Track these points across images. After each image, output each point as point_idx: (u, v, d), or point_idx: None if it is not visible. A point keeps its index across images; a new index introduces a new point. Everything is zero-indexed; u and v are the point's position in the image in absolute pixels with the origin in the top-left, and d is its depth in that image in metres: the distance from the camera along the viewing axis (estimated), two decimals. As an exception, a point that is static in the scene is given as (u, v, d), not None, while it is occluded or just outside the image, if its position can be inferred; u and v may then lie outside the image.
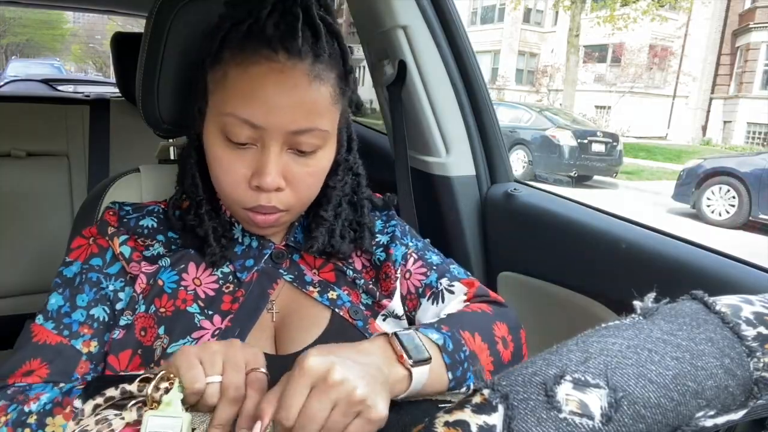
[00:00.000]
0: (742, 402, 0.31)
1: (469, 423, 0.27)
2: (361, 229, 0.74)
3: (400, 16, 1.06)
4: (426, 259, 0.78)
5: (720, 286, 0.72)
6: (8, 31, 25.82)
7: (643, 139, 15.29)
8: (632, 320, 0.33)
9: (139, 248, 0.67)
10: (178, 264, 0.67)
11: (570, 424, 0.26)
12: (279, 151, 0.61)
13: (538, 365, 0.29)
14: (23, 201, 1.68)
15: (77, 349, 0.62)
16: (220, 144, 0.61)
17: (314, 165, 0.64)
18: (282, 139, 0.60)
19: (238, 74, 0.59)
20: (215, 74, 0.62)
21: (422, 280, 0.76)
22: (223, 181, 0.63)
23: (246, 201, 0.62)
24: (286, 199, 0.63)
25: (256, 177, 0.61)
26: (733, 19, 17.23)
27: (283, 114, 0.59)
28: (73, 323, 0.63)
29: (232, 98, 0.59)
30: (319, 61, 0.60)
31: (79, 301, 0.64)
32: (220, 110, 0.61)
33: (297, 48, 0.58)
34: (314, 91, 0.60)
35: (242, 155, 0.61)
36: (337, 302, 0.69)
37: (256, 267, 0.69)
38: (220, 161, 0.62)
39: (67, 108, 1.80)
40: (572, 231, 0.95)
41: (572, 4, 14.41)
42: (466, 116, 1.12)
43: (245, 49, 0.59)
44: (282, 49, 0.58)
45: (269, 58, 0.58)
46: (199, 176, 0.68)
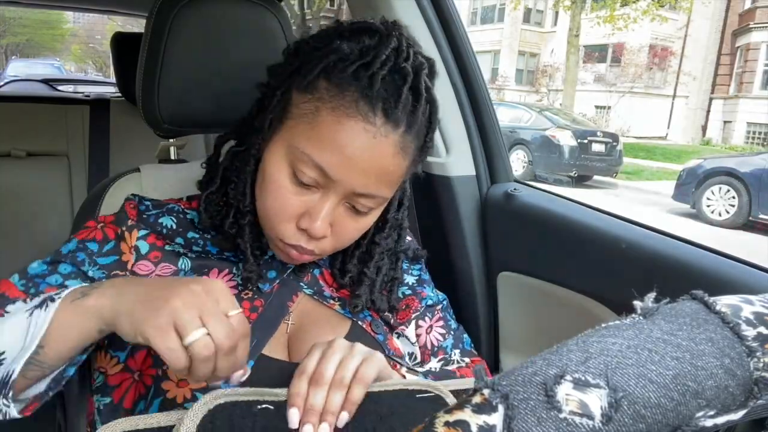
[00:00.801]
0: (742, 402, 0.31)
1: (469, 423, 0.27)
2: (392, 283, 0.74)
3: (400, 16, 1.06)
4: (447, 321, 0.81)
5: (720, 286, 0.72)
6: (8, 31, 25.82)
7: (643, 139, 15.30)
8: (632, 320, 0.33)
9: (159, 244, 0.66)
10: (200, 268, 0.66)
11: (570, 424, 0.26)
12: (336, 203, 0.60)
13: (538, 365, 0.29)
14: (23, 201, 1.68)
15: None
16: (284, 173, 0.59)
17: (363, 222, 0.63)
18: (345, 195, 0.59)
19: (331, 120, 0.56)
20: (304, 102, 0.58)
21: (440, 341, 0.78)
22: (271, 209, 0.61)
23: (288, 236, 0.61)
24: (325, 245, 0.63)
25: (307, 220, 0.59)
26: (733, 19, 17.23)
27: (359, 176, 0.57)
28: (41, 284, 0.62)
29: (316, 139, 0.57)
30: (409, 133, 0.58)
31: (60, 269, 0.63)
32: (297, 143, 0.58)
33: (396, 115, 0.56)
34: (395, 164, 0.59)
35: (301, 193, 0.59)
36: (359, 315, 0.70)
37: (278, 279, 0.69)
38: (278, 189, 0.60)
39: (67, 108, 1.80)
40: (572, 231, 0.95)
41: (572, 4, 14.41)
42: (466, 116, 1.12)
43: (344, 95, 0.56)
44: (381, 111, 0.56)
45: (366, 117, 0.55)
46: (250, 185, 0.65)
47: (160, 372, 0.60)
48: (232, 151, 0.68)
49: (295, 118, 0.59)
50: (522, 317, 1.06)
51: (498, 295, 1.09)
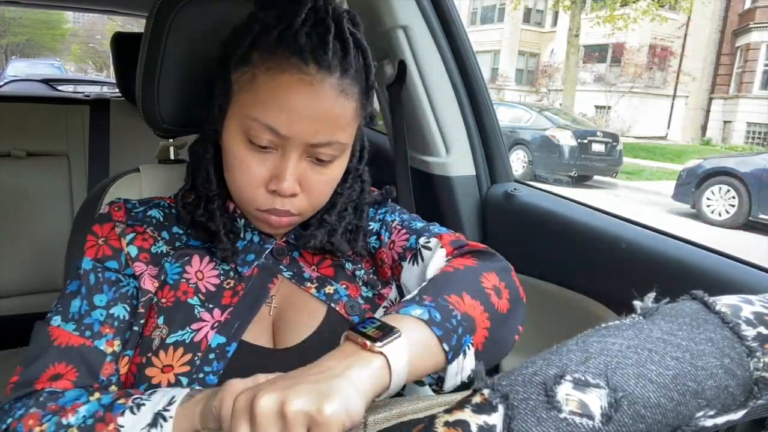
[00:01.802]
0: (742, 402, 0.31)
1: (469, 423, 0.27)
2: (356, 232, 0.75)
3: (400, 16, 1.06)
4: (410, 226, 0.76)
5: (720, 286, 0.72)
6: (8, 31, 25.82)
7: (643, 139, 15.30)
8: (632, 320, 0.33)
9: (146, 246, 0.68)
10: (182, 258, 0.68)
11: (570, 424, 0.26)
12: (298, 159, 0.62)
13: (538, 365, 0.29)
14: (23, 201, 1.68)
15: (101, 350, 0.62)
16: (241, 145, 0.62)
17: (329, 174, 0.65)
18: (302, 148, 0.61)
19: (267, 80, 0.59)
20: (242, 75, 0.62)
21: (404, 245, 0.74)
22: (240, 181, 0.64)
23: (261, 203, 0.64)
24: (299, 204, 0.65)
25: (274, 182, 0.62)
26: (733, 19, 17.23)
27: (308, 126, 0.60)
28: (94, 323, 0.63)
29: (259, 103, 0.60)
30: (346, 76, 0.61)
31: (98, 301, 0.64)
32: (245, 113, 0.61)
33: (327, 61, 0.59)
34: (339, 106, 0.61)
35: (262, 158, 0.62)
36: (334, 297, 0.70)
37: (257, 262, 0.70)
38: (240, 162, 0.63)
39: (67, 108, 1.80)
40: (572, 231, 0.95)
41: (572, 4, 14.41)
42: (466, 116, 1.12)
43: (276, 55, 0.59)
44: (312, 60, 0.59)
45: (299, 68, 0.59)
46: (213, 171, 0.68)
47: (144, 359, 0.62)
48: (193, 148, 0.72)
49: (238, 93, 0.62)
50: (522, 317, 1.06)
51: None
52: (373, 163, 0.81)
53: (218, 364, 0.62)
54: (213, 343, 0.63)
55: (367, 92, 0.65)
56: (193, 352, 0.62)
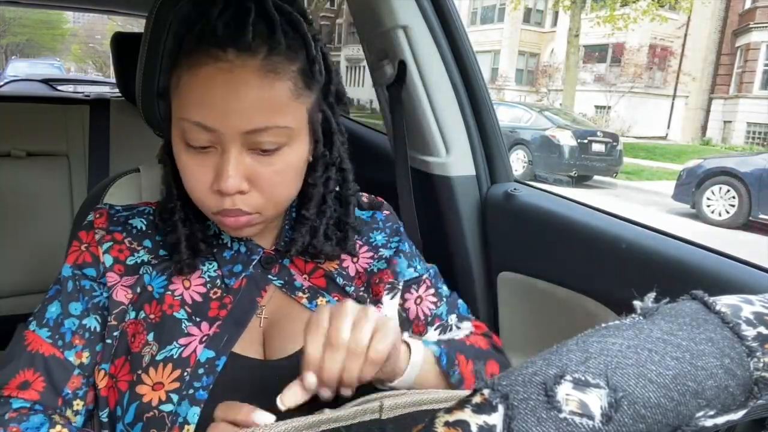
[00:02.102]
0: (742, 402, 0.31)
1: (469, 423, 0.27)
2: (345, 230, 0.72)
3: (400, 16, 1.06)
4: (438, 288, 0.79)
5: (720, 286, 0.72)
6: (8, 31, 25.82)
7: (643, 139, 15.30)
8: (632, 320, 0.33)
9: (121, 258, 0.66)
10: (166, 267, 0.66)
11: (570, 424, 0.26)
12: (239, 153, 0.58)
13: (538, 365, 0.29)
14: (23, 201, 1.68)
15: (70, 362, 0.62)
16: (182, 149, 0.60)
17: (279, 163, 0.60)
18: (240, 140, 0.58)
19: (188, 78, 0.58)
20: (172, 80, 0.61)
21: (432, 309, 0.77)
22: (189, 187, 0.62)
23: (211, 205, 0.61)
24: (252, 201, 0.60)
25: (217, 181, 0.59)
26: (733, 19, 17.23)
27: (236, 114, 0.56)
28: (66, 332, 0.63)
29: (185, 103, 0.58)
30: (274, 54, 0.57)
31: (72, 309, 0.64)
32: (178, 116, 0.60)
33: (246, 43, 0.56)
34: (268, 88, 0.57)
35: (203, 159, 0.59)
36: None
37: (244, 273, 0.68)
38: (184, 167, 0.61)
39: (67, 108, 1.80)
40: (572, 231, 0.95)
41: (572, 4, 14.41)
42: (466, 116, 1.12)
43: (197, 52, 0.57)
44: (231, 46, 0.56)
45: (217, 58, 0.56)
46: (173, 182, 0.66)
47: (135, 377, 0.60)
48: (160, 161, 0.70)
49: (172, 98, 0.62)
50: (522, 317, 1.06)
51: (498, 295, 1.09)
52: (373, 163, 0.81)
53: (208, 379, 0.60)
54: (202, 358, 0.61)
55: (310, 67, 0.61)
56: (182, 367, 0.60)
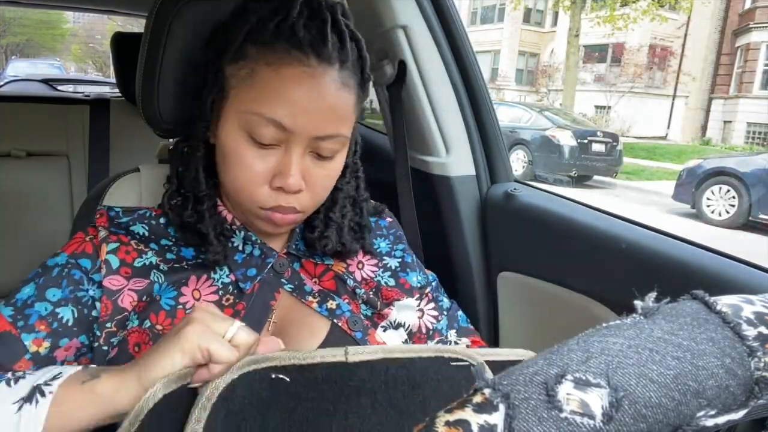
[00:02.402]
0: (743, 402, 0.31)
1: (470, 422, 0.27)
2: (361, 230, 0.75)
3: (400, 16, 1.06)
4: (438, 301, 0.81)
5: (720, 286, 0.72)
6: (8, 31, 25.82)
7: (643, 139, 15.30)
8: (633, 320, 0.33)
9: (128, 260, 0.64)
10: (177, 279, 0.65)
11: (571, 424, 0.26)
12: (302, 154, 0.61)
13: (539, 365, 0.29)
14: (23, 201, 1.68)
15: (23, 345, 0.57)
16: (242, 142, 0.60)
17: (331, 168, 0.65)
18: (306, 142, 0.60)
19: (269, 74, 0.58)
20: (239, 70, 0.60)
21: (433, 323, 0.79)
22: (241, 180, 0.62)
23: (265, 201, 0.62)
24: (304, 200, 0.63)
25: (279, 178, 0.60)
26: (733, 19, 17.23)
27: (312, 119, 0.59)
28: (32, 315, 0.59)
29: (261, 98, 0.58)
30: (345, 68, 0.60)
31: (49, 295, 0.60)
32: (245, 108, 0.59)
33: (327, 53, 0.58)
34: (340, 98, 0.60)
35: (265, 155, 0.60)
36: (336, 312, 0.69)
37: (259, 276, 0.67)
38: (241, 159, 0.60)
39: (67, 108, 1.80)
40: (572, 231, 0.95)
41: (572, 4, 14.41)
42: (466, 116, 1.12)
43: (275, 49, 0.58)
44: (313, 53, 0.58)
45: (301, 61, 0.58)
46: (203, 170, 0.66)
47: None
48: (179, 148, 0.69)
49: (236, 87, 0.61)
50: (522, 317, 1.06)
51: (498, 295, 1.09)
52: (373, 163, 0.81)
53: None
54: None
55: (363, 85, 0.64)
56: None
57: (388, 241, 0.80)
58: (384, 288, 0.75)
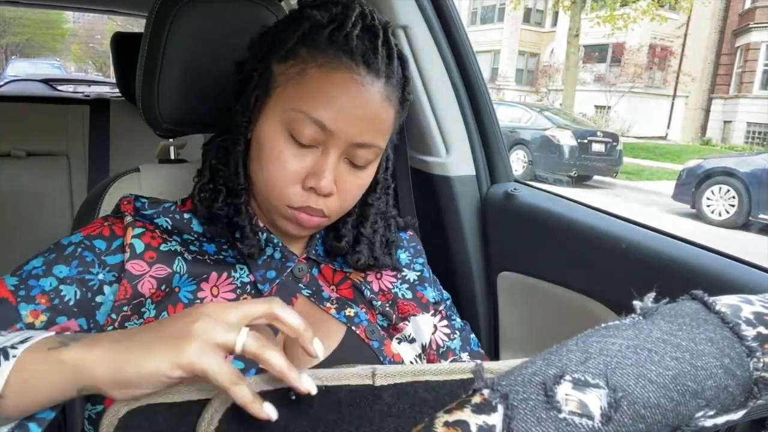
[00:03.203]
0: (742, 402, 0.31)
1: (469, 423, 0.27)
2: (389, 246, 0.75)
3: (400, 16, 1.06)
4: (451, 320, 0.82)
5: (720, 286, 0.72)
6: (8, 31, 25.82)
7: (643, 139, 15.30)
8: (632, 320, 0.33)
9: (154, 244, 0.64)
10: (198, 273, 0.64)
11: (570, 424, 0.26)
12: (337, 159, 0.61)
13: (537, 365, 0.29)
14: (23, 201, 1.68)
15: (19, 313, 0.56)
16: (281, 138, 0.61)
17: (363, 178, 0.66)
18: (344, 147, 0.61)
19: (320, 76, 0.59)
20: (288, 68, 0.61)
21: (445, 341, 0.79)
22: (275, 176, 0.62)
23: (295, 200, 0.62)
24: (332, 204, 0.64)
25: (313, 178, 0.61)
26: (733, 19, 17.23)
27: (354, 125, 0.60)
28: (35, 287, 0.57)
29: (309, 97, 0.59)
30: (390, 83, 0.62)
31: (56, 271, 0.59)
32: (290, 105, 0.60)
33: (377, 65, 0.60)
34: (383, 110, 0.62)
35: (302, 154, 0.61)
36: (354, 320, 0.68)
37: (278, 279, 0.67)
38: (278, 155, 0.61)
39: (67, 108, 1.80)
40: (572, 231, 0.95)
41: (572, 4, 14.41)
42: (466, 116, 1.12)
43: (327, 53, 0.59)
44: (363, 63, 0.59)
45: (351, 68, 0.59)
46: (242, 164, 0.66)
47: None
48: (218, 142, 0.69)
49: (282, 85, 0.62)
50: (522, 317, 1.06)
51: (498, 295, 1.09)
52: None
53: None
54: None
55: (403, 103, 0.66)
56: None
57: (408, 253, 0.81)
58: (401, 301, 0.75)
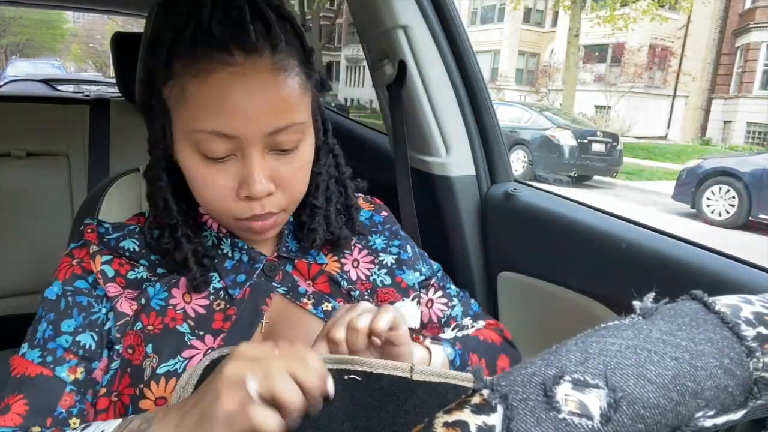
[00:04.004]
0: (742, 402, 0.31)
1: (468, 423, 0.27)
2: (349, 212, 0.72)
3: (400, 16, 1.06)
4: (446, 290, 0.81)
5: (720, 286, 0.72)
6: (8, 31, 25.84)
7: (643, 138, 15.30)
8: (631, 320, 0.33)
9: (122, 272, 0.63)
10: (168, 280, 0.64)
11: (569, 425, 0.26)
12: (261, 156, 0.57)
13: (537, 365, 0.29)
14: (23, 201, 1.68)
15: (60, 379, 0.57)
16: (197, 160, 0.57)
17: (299, 160, 0.61)
18: (261, 143, 0.56)
19: (198, 86, 0.54)
20: (171, 90, 0.57)
21: (445, 311, 0.79)
22: (208, 198, 0.59)
23: (238, 212, 0.59)
24: (278, 201, 0.60)
25: (244, 188, 0.57)
26: (733, 19, 17.23)
27: (256, 118, 0.55)
28: (57, 349, 0.59)
29: (198, 113, 0.55)
30: (278, 51, 0.56)
31: (65, 327, 0.60)
32: (188, 128, 0.56)
33: (252, 44, 0.54)
34: (281, 86, 0.56)
35: (224, 168, 0.57)
36: (332, 314, 0.66)
37: (249, 282, 0.66)
38: (202, 179, 0.58)
39: (67, 108, 1.80)
40: (572, 231, 0.95)
41: (572, 4, 14.41)
42: (466, 116, 1.12)
43: (197, 57, 0.54)
44: (236, 48, 0.54)
45: (225, 62, 0.54)
46: (171, 197, 0.63)
47: (137, 391, 0.58)
48: (146, 176, 0.66)
49: (174, 109, 0.58)
50: (522, 317, 1.06)
51: (498, 295, 1.09)
52: (373, 163, 0.81)
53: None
54: None
55: (307, 60, 0.60)
56: None
57: (383, 237, 0.78)
58: (380, 290, 0.73)
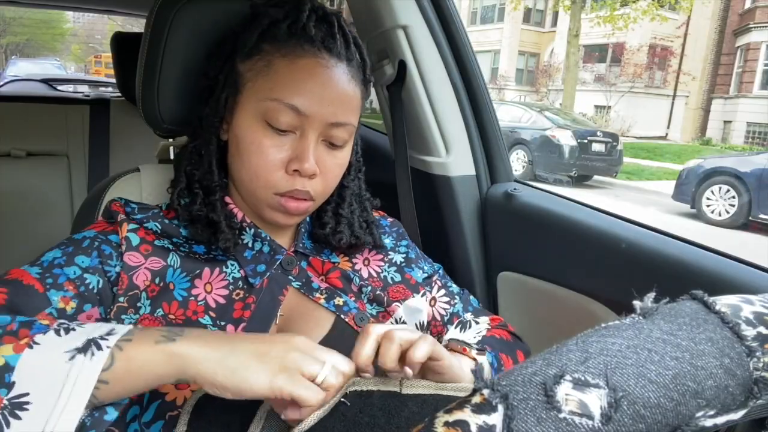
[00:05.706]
0: (742, 402, 0.31)
1: (469, 423, 0.27)
2: (369, 226, 0.78)
3: (400, 16, 1.06)
4: (448, 288, 0.85)
5: (720, 286, 0.72)
6: (8, 31, 25.84)
7: (643, 138, 15.30)
8: (632, 320, 0.33)
9: (148, 239, 0.66)
10: (191, 269, 0.66)
11: (570, 424, 0.26)
12: (316, 141, 0.65)
13: (537, 365, 0.29)
14: (23, 201, 1.68)
15: (49, 300, 0.56)
16: (259, 129, 0.64)
17: (342, 158, 0.69)
18: (320, 129, 0.64)
19: (286, 64, 0.63)
20: (254, 64, 0.65)
21: (448, 309, 0.82)
22: (259, 166, 0.64)
23: (281, 186, 0.64)
24: (317, 186, 0.66)
25: (296, 162, 0.63)
26: (733, 19, 17.23)
27: (327, 105, 0.63)
28: (61, 275, 0.58)
29: (279, 85, 0.63)
30: (351, 65, 0.67)
31: (78, 261, 0.60)
32: (263, 96, 0.63)
33: (337, 50, 0.65)
34: (352, 89, 0.66)
35: (281, 141, 0.64)
36: (343, 308, 0.71)
37: (268, 272, 0.69)
38: (259, 146, 0.64)
39: (67, 108, 1.80)
40: (572, 231, 0.95)
41: (572, 4, 14.41)
42: (466, 116, 1.12)
43: (289, 43, 0.63)
44: (324, 48, 0.64)
45: (314, 54, 0.64)
46: (216, 163, 0.69)
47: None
48: (190, 148, 0.71)
49: (251, 80, 0.65)
50: (522, 317, 1.06)
51: (498, 295, 1.09)
52: (373, 163, 0.81)
53: None
54: None
55: (366, 84, 0.70)
56: None
57: (391, 237, 0.83)
58: (390, 288, 0.77)
